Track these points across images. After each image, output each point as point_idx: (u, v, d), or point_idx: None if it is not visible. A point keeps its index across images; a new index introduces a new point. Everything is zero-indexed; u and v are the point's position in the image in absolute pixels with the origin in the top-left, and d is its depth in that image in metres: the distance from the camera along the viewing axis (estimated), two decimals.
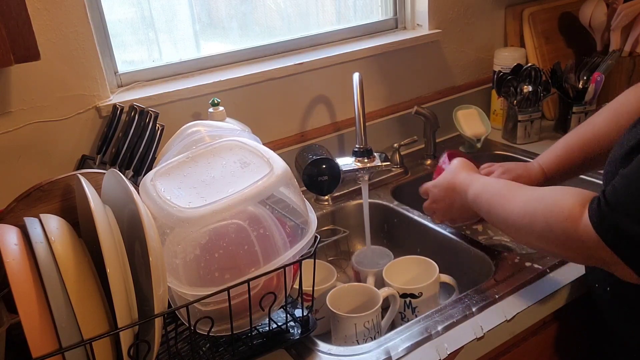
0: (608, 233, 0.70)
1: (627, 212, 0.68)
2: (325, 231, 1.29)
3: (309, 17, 1.47)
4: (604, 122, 1.00)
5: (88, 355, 0.69)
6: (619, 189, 0.70)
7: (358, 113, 1.21)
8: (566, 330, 1.03)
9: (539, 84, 1.50)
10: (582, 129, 1.03)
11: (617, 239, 0.70)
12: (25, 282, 0.65)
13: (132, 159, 1.10)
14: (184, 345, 0.87)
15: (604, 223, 0.70)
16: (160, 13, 1.27)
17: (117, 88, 1.23)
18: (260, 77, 1.31)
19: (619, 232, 0.69)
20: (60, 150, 1.14)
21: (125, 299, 0.69)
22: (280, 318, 0.90)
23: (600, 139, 0.99)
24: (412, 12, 1.57)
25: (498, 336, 0.92)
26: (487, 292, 0.97)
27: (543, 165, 1.06)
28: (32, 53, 0.85)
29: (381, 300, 0.98)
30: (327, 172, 1.21)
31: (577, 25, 1.66)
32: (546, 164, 1.06)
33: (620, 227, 0.69)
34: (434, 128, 1.48)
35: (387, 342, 0.88)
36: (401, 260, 1.10)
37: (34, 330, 0.64)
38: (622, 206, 0.69)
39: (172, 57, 1.30)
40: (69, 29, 1.09)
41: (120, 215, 0.76)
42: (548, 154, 1.07)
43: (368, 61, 1.46)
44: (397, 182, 1.41)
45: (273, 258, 0.80)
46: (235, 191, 0.77)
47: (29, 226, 0.72)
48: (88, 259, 0.72)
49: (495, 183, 0.95)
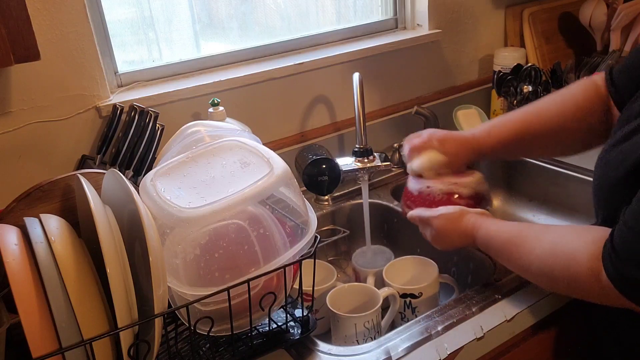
0: (625, 287, 0.71)
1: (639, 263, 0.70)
2: (325, 231, 1.29)
3: (308, 17, 1.47)
4: (548, 102, 1.01)
5: (88, 355, 0.68)
6: (628, 240, 0.70)
7: (358, 113, 1.21)
8: (566, 330, 1.03)
9: (539, 84, 1.50)
10: (524, 107, 1.05)
11: (634, 291, 0.71)
12: (25, 282, 0.65)
13: (132, 159, 1.10)
14: (184, 345, 0.87)
15: (620, 278, 0.71)
16: (160, 13, 1.27)
17: (117, 88, 1.23)
18: (260, 77, 1.31)
19: (635, 285, 0.70)
20: (60, 150, 1.14)
21: (125, 299, 0.69)
22: (280, 318, 0.90)
23: (541, 114, 1.00)
24: (412, 12, 1.57)
25: (498, 336, 0.92)
26: (487, 292, 0.97)
27: (475, 132, 1.05)
28: (32, 53, 0.85)
29: (381, 300, 0.98)
30: (327, 172, 1.21)
31: (577, 25, 1.66)
32: (478, 130, 1.05)
33: (636, 279, 0.70)
34: (434, 128, 1.48)
35: (387, 342, 0.88)
36: (401, 260, 1.10)
37: (34, 330, 0.64)
38: (633, 259, 0.70)
39: (172, 57, 1.30)
40: (69, 29, 1.09)
41: (120, 215, 0.76)
42: (486, 123, 1.07)
43: (368, 61, 1.46)
44: (397, 182, 1.41)
45: (273, 258, 0.80)
46: (235, 191, 0.77)
47: (29, 226, 0.72)
48: (88, 259, 0.72)
49: (505, 229, 0.90)
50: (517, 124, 1.02)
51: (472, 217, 0.95)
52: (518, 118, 1.03)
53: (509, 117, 1.04)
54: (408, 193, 1.07)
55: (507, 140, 1.02)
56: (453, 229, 0.96)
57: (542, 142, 1.02)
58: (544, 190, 1.42)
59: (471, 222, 0.94)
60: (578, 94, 0.99)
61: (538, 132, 1.00)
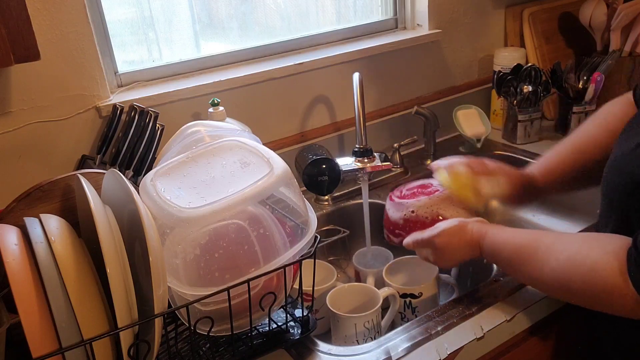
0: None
1: None
2: (325, 231, 1.29)
3: (308, 17, 1.47)
4: (593, 125, 0.99)
5: (88, 355, 0.69)
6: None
7: (358, 113, 1.21)
8: (566, 330, 1.03)
9: (539, 84, 1.50)
10: (573, 135, 1.02)
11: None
12: (25, 282, 0.65)
13: (132, 159, 1.10)
14: (184, 345, 0.87)
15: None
16: (160, 13, 1.27)
17: (117, 88, 1.23)
18: (260, 77, 1.31)
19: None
20: (60, 150, 1.14)
21: (125, 299, 0.69)
22: (280, 318, 0.90)
23: (594, 142, 0.98)
24: (412, 12, 1.57)
25: (498, 336, 0.92)
26: (487, 292, 0.97)
27: (534, 169, 1.04)
28: (32, 53, 0.85)
29: (381, 300, 0.98)
30: (327, 172, 1.21)
31: (577, 25, 1.66)
32: (536, 167, 1.04)
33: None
34: (434, 128, 1.48)
35: (387, 342, 0.88)
36: (401, 260, 1.10)
37: (34, 330, 0.64)
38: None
39: (172, 57, 1.30)
40: (69, 29, 1.09)
41: (120, 215, 0.76)
42: (540, 160, 1.05)
43: (368, 61, 1.46)
44: (397, 182, 1.41)
45: (273, 258, 0.80)
46: (235, 191, 0.77)
47: (29, 226, 0.72)
48: (88, 259, 0.72)
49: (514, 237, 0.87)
50: (573, 156, 1.00)
51: (474, 225, 0.92)
52: (571, 150, 1.00)
53: (562, 150, 1.02)
54: (393, 222, 1.07)
55: (565, 174, 1.00)
56: (457, 242, 0.92)
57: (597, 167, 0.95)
58: None
59: (475, 230, 0.91)
60: (617, 112, 0.97)
61: (592, 159, 0.97)
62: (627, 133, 0.84)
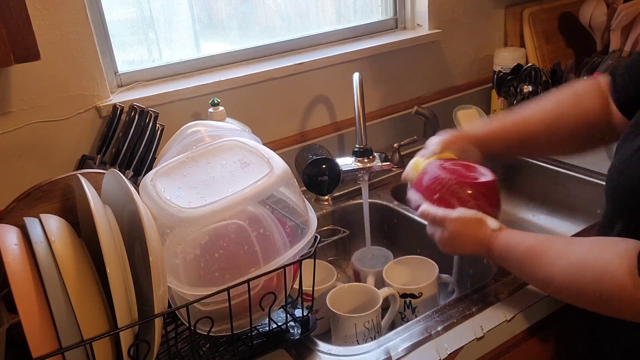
0: None
1: None
2: (325, 231, 1.29)
3: (308, 17, 1.47)
4: (547, 98, 1.00)
5: (88, 355, 0.69)
6: None
7: (358, 113, 1.21)
8: (566, 330, 1.03)
9: (539, 84, 1.50)
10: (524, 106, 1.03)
11: None
12: (25, 282, 0.65)
13: (132, 159, 1.10)
14: (184, 345, 0.87)
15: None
16: (160, 13, 1.27)
17: (117, 88, 1.23)
18: (260, 77, 1.31)
19: None
20: (60, 150, 1.14)
21: (125, 299, 0.69)
22: (280, 318, 0.90)
23: (540, 110, 0.99)
24: (412, 12, 1.57)
25: (498, 336, 0.92)
26: (487, 292, 0.97)
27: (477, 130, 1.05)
28: (32, 53, 0.85)
29: (381, 300, 0.98)
30: (327, 172, 1.21)
31: (577, 25, 1.66)
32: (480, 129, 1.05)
33: None
34: (434, 128, 1.48)
35: (387, 342, 0.88)
36: (401, 260, 1.10)
37: (34, 330, 0.64)
38: None
39: (172, 57, 1.30)
40: (69, 29, 1.09)
41: (120, 215, 0.76)
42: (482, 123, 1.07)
43: (368, 61, 1.46)
44: (397, 182, 1.41)
45: (273, 258, 0.80)
46: (235, 191, 0.77)
47: (29, 226, 0.72)
48: (88, 259, 0.72)
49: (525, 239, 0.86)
50: (516, 122, 1.02)
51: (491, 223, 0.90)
52: (516, 116, 1.02)
53: (508, 115, 1.04)
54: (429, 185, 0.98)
55: (508, 138, 1.02)
56: (469, 234, 0.90)
57: (540, 139, 1.00)
58: (544, 190, 1.42)
59: (489, 230, 0.89)
60: (579, 91, 0.98)
61: (537, 128, 0.99)
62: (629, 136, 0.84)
